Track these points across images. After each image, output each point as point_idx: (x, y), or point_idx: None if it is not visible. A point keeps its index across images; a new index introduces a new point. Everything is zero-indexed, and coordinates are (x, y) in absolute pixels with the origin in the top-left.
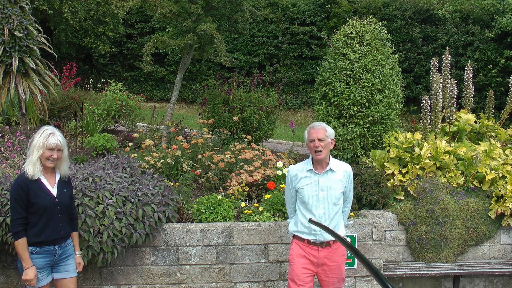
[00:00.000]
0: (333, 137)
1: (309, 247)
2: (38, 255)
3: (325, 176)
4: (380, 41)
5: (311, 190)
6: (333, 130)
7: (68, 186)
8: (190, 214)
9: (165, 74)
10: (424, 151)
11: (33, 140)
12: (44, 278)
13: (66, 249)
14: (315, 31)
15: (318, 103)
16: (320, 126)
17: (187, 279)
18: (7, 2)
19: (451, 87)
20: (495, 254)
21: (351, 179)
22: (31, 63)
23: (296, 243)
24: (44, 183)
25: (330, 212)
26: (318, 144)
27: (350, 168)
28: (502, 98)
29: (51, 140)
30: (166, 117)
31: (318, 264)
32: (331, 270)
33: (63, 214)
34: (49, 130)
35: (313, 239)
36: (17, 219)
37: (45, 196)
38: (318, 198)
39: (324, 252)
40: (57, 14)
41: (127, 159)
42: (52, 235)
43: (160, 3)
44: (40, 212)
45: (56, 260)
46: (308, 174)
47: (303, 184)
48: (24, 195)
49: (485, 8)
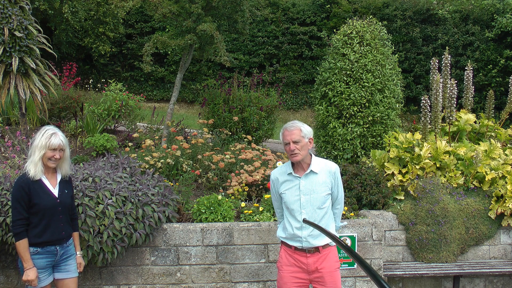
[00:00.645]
0: (311, 136)
1: (297, 253)
2: (39, 255)
3: (306, 179)
4: (380, 41)
5: (293, 195)
6: (310, 128)
7: (69, 186)
8: (190, 214)
9: (165, 74)
10: (424, 151)
11: (35, 140)
12: (45, 279)
13: (67, 249)
14: (315, 31)
15: (318, 103)
16: (294, 126)
17: (187, 279)
18: (7, 2)
19: (451, 87)
20: (495, 254)
21: (337, 178)
22: (31, 63)
23: (284, 249)
24: (46, 184)
25: (315, 216)
26: (294, 147)
27: (335, 167)
28: (502, 98)
29: (54, 140)
30: (166, 117)
31: (309, 271)
32: (323, 277)
33: (64, 214)
34: (51, 130)
35: (299, 245)
36: (18, 220)
37: (46, 196)
38: (301, 203)
39: (313, 259)
40: (58, 14)
41: (127, 159)
42: (54, 235)
43: (160, 3)
44: (41, 213)
45: (57, 260)
46: (289, 178)
47: (284, 189)
48: (26, 196)
49: (485, 8)
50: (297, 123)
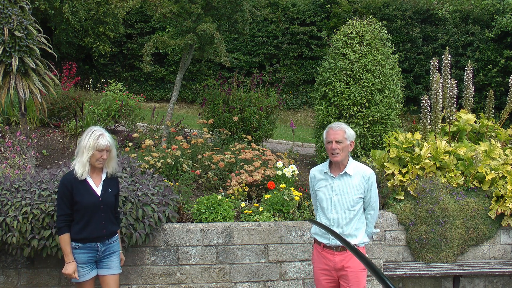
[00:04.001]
0: (353, 139)
1: (326, 251)
2: (80, 250)
3: (340, 180)
4: (380, 41)
5: (326, 194)
6: (353, 132)
7: (114, 185)
8: (190, 214)
9: (165, 74)
10: (424, 151)
11: (82, 141)
12: (87, 273)
13: (109, 246)
14: (315, 31)
15: (318, 103)
16: (339, 127)
17: (187, 279)
18: (7, 2)
19: (451, 87)
20: (495, 254)
21: (371, 184)
22: (31, 63)
23: (315, 246)
24: (90, 183)
25: (344, 217)
26: (336, 146)
27: (371, 172)
28: (502, 98)
29: (101, 141)
30: (166, 117)
31: (336, 268)
32: (347, 276)
33: (107, 212)
34: (98, 131)
35: (327, 243)
36: (60, 216)
37: (88, 195)
38: (332, 202)
39: (340, 257)
40: (58, 14)
41: (127, 159)
42: (94, 233)
43: (160, 3)
44: (83, 211)
45: (99, 256)
46: (324, 177)
47: (319, 186)
48: (68, 193)
49: (485, 8)
50: (343, 125)
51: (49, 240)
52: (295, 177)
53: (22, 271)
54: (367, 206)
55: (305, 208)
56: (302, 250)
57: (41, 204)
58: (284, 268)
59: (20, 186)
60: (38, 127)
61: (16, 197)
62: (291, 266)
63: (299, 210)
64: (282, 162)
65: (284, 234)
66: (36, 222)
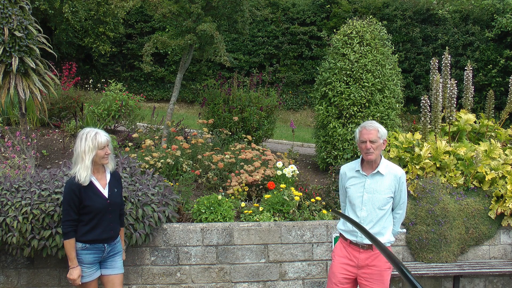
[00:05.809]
0: (386, 138)
1: (351, 247)
2: (87, 251)
3: (372, 179)
4: (380, 41)
5: (357, 191)
6: (385, 130)
7: (118, 184)
8: (190, 214)
9: (165, 74)
10: (424, 151)
11: (78, 147)
12: (92, 273)
13: (114, 247)
14: (315, 31)
15: (318, 103)
16: (372, 126)
17: (187, 279)
18: (7, 2)
19: (451, 87)
20: (495, 254)
21: (402, 184)
22: (31, 63)
23: (341, 241)
24: (96, 185)
25: (374, 215)
26: (370, 146)
27: (402, 173)
28: (502, 98)
29: (100, 139)
30: (166, 117)
31: (359, 266)
32: (371, 275)
33: (114, 213)
34: (91, 132)
35: (354, 240)
36: (66, 221)
37: (97, 199)
38: (363, 200)
39: (366, 255)
40: (58, 14)
41: (127, 159)
42: (102, 234)
43: (160, 3)
44: (92, 214)
45: (104, 256)
46: (356, 175)
47: (350, 184)
48: (77, 199)
49: (485, 8)
50: (376, 124)
51: (49, 240)
52: (295, 177)
53: (22, 271)
54: (396, 206)
55: (305, 208)
56: (302, 250)
57: (41, 204)
58: (284, 268)
59: (20, 186)
60: (38, 127)
61: (16, 197)
62: (291, 266)
63: (299, 210)
64: (282, 162)
65: (284, 234)
66: (36, 222)
